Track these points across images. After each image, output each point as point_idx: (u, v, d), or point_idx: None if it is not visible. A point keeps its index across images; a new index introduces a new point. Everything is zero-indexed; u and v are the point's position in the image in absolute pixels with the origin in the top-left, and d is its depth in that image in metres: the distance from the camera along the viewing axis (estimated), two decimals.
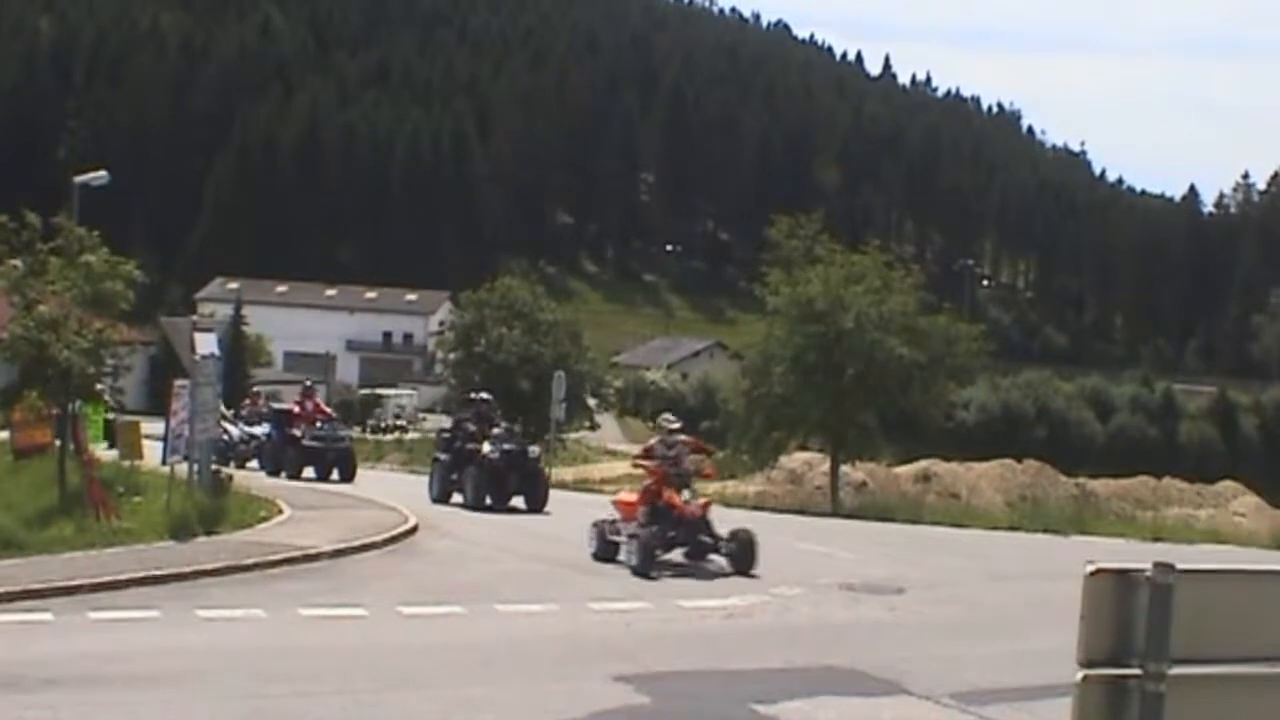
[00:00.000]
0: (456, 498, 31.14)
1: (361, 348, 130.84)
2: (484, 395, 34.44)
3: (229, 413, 45.96)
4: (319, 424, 39.26)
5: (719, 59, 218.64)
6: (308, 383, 44.52)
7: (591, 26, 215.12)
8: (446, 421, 46.33)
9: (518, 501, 30.60)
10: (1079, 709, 5.28)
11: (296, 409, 40.26)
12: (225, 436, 43.96)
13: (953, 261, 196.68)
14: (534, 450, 32.12)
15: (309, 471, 37.82)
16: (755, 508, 37.83)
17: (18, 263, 24.44)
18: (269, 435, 40.54)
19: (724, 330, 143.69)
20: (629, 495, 22.99)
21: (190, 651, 14.06)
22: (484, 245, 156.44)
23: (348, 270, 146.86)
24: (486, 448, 30.68)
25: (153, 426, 33.30)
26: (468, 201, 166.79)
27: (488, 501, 30.07)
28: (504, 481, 30.42)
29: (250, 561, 19.70)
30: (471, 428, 31.87)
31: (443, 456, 32.45)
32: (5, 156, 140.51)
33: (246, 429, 43.18)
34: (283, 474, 37.33)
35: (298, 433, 38.71)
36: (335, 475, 37.95)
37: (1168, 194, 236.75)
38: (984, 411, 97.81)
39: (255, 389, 52.88)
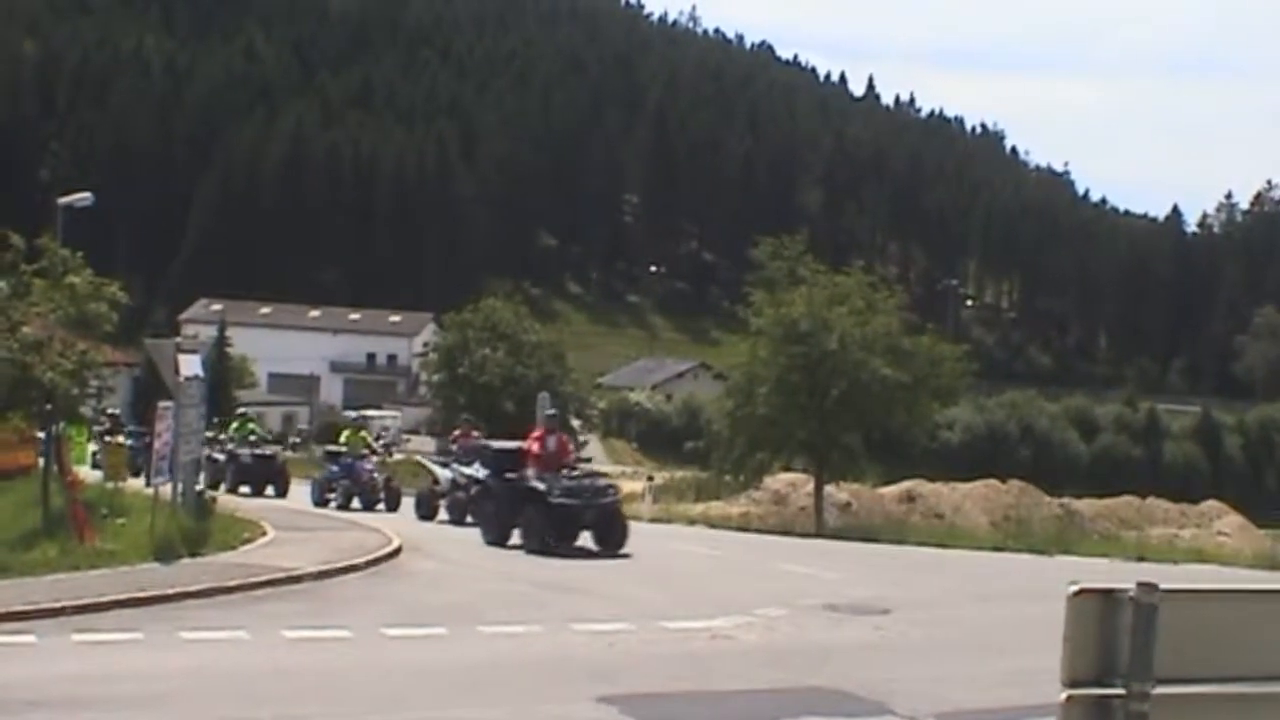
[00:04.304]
0: None
1: (345, 369, 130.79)
2: None
3: (383, 439, 41.59)
4: (568, 470, 28.14)
5: (703, 80, 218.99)
6: (549, 411, 33.40)
7: (575, 48, 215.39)
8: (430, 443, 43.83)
9: None
10: None
11: (535, 446, 28.14)
12: (435, 484, 35.98)
13: (936, 282, 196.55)
14: None
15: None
16: (739, 528, 37.90)
17: (1, 284, 24.40)
18: (486, 484, 29.94)
19: (708, 351, 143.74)
20: None
21: (174, 673, 14.02)
22: (468, 266, 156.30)
23: (331, 291, 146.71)
24: None
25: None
26: (452, 223, 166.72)
27: None
28: None
29: (234, 583, 19.65)
30: None
31: None
32: None
33: (462, 470, 33.53)
34: (512, 539, 27.27)
35: (541, 484, 26.94)
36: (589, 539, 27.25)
37: (1151, 214, 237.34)
38: (968, 432, 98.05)
39: (465, 416, 40.67)
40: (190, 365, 24.85)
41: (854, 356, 39.20)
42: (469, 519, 31.59)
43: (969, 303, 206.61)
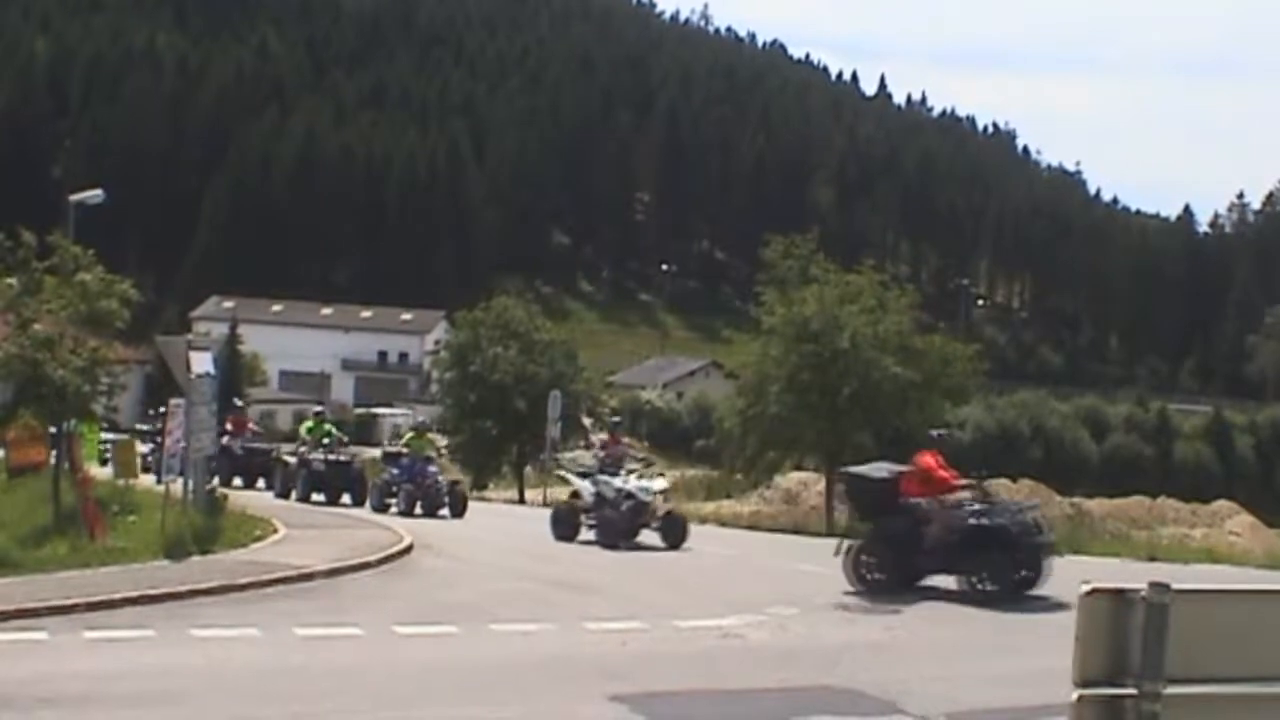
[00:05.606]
0: None
1: (357, 367, 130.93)
2: None
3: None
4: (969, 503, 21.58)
5: (715, 79, 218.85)
6: (937, 433, 25.01)
7: (587, 47, 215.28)
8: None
9: None
10: None
11: (943, 473, 22.13)
12: (575, 498, 29.81)
13: (948, 281, 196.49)
14: None
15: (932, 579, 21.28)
16: (750, 527, 37.89)
17: (13, 281, 24.43)
18: (867, 525, 22.38)
19: (720, 350, 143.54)
20: None
21: (185, 671, 14.03)
22: (480, 265, 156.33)
23: (343, 289, 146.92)
24: None
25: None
26: (463, 221, 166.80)
27: None
28: None
29: (245, 581, 19.65)
30: None
31: None
32: (1, 175, 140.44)
33: (611, 483, 28.32)
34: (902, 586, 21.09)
35: (991, 521, 20.89)
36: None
37: (1163, 214, 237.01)
38: (979, 431, 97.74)
39: (615, 420, 36.32)
40: (201, 362, 24.86)
41: (865, 355, 39.12)
42: (621, 543, 27.33)
43: (980, 302, 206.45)
